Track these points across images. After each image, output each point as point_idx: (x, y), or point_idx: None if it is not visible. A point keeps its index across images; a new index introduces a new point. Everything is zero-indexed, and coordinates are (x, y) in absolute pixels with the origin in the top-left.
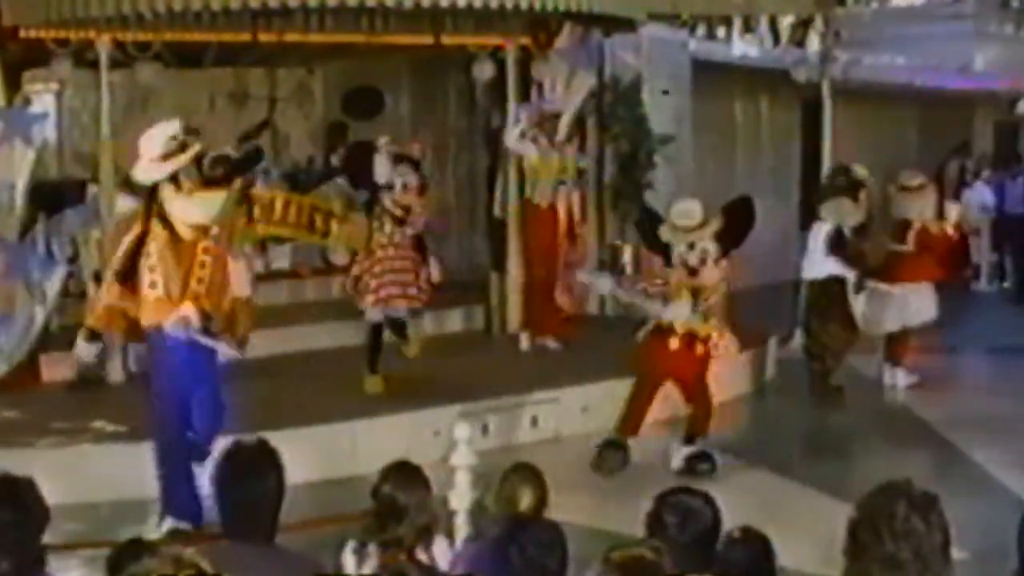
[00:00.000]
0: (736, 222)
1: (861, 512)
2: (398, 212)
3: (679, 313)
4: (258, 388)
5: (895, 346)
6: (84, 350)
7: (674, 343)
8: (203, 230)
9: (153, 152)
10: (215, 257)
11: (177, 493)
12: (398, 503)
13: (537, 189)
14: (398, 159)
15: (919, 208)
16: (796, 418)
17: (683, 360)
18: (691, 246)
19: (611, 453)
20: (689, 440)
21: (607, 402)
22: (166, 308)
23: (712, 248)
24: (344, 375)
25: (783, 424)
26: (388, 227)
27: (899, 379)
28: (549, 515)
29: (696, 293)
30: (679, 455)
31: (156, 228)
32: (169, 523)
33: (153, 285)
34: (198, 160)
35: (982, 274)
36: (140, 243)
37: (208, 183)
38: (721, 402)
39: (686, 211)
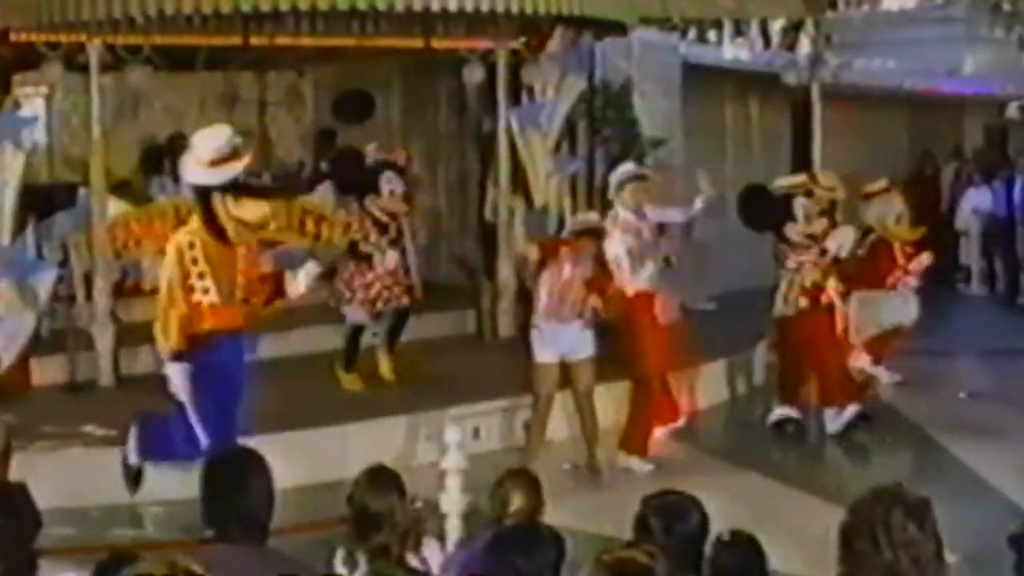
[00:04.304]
0: None
1: (855, 518)
2: (384, 218)
3: None
4: (249, 392)
5: (877, 345)
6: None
7: None
8: (253, 229)
9: (203, 156)
10: (252, 261)
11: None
12: (370, 510)
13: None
14: (384, 166)
15: (876, 215)
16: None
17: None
18: None
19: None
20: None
21: (596, 405)
22: (221, 314)
23: None
24: (335, 379)
25: (772, 427)
26: (373, 235)
27: (882, 376)
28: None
29: None
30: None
31: (203, 234)
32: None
33: (206, 291)
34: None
35: (972, 277)
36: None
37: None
38: (708, 406)
39: None
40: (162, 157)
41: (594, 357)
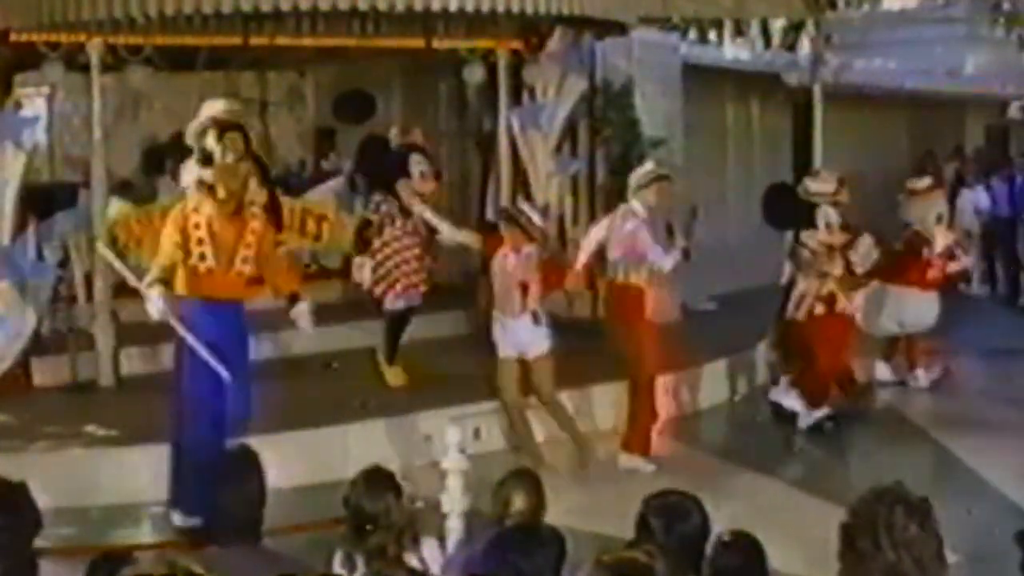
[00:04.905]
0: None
1: (856, 518)
2: (415, 200)
3: None
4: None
5: (910, 351)
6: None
7: None
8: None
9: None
10: (261, 236)
11: (192, 489)
12: (366, 511)
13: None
14: (409, 148)
15: (919, 212)
16: (786, 421)
17: None
18: None
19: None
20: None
21: (596, 405)
22: (218, 280)
23: None
24: (336, 378)
25: (772, 427)
26: (399, 220)
27: (920, 380)
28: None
29: None
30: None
31: (207, 203)
32: (178, 519)
33: (203, 257)
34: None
35: (974, 277)
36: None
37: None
38: (709, 406)
39: None
40: (163, 157)
41: (549, 354)
